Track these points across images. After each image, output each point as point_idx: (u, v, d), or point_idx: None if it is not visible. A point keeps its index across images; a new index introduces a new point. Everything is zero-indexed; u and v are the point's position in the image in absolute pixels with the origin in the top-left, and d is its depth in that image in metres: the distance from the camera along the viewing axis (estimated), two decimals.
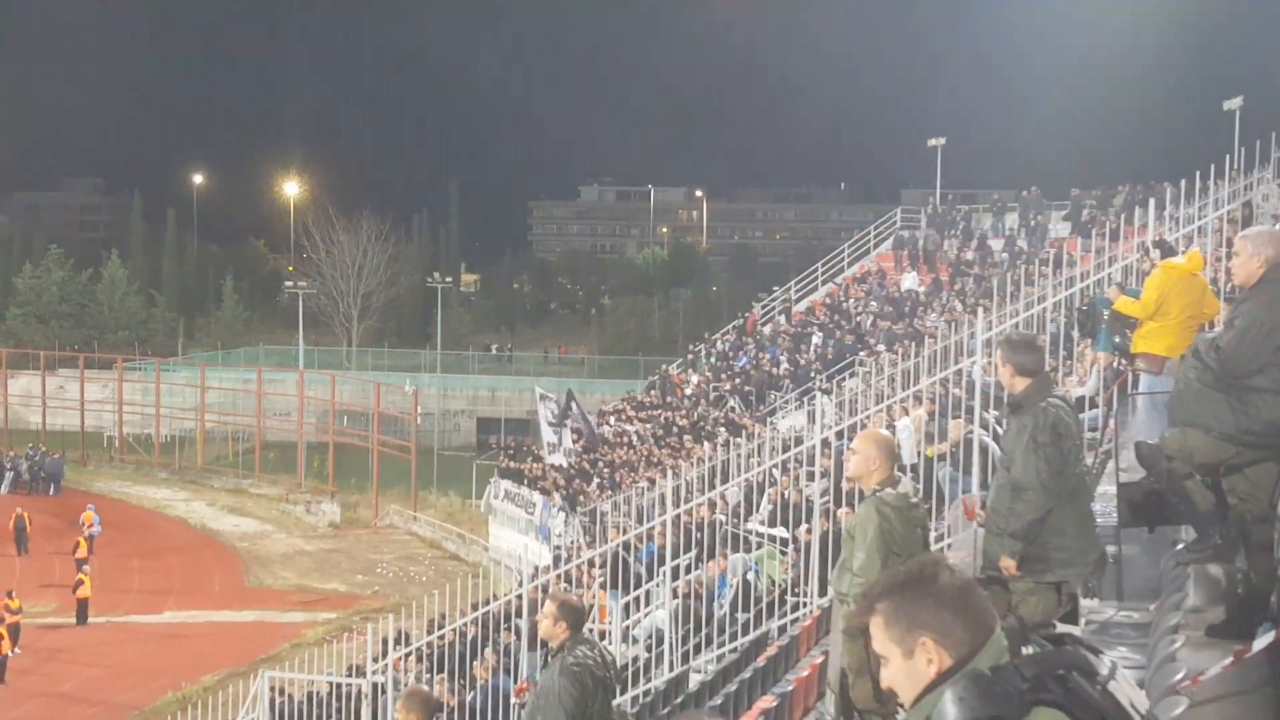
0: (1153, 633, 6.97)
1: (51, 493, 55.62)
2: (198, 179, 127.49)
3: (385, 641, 23.04)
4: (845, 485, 17.40)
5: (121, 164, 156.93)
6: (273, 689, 20.82)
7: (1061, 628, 6.99)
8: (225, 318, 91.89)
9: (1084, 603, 7.54)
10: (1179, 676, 5.21)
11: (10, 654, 33.71)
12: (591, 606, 20.98)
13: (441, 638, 21.16)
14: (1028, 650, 2.88)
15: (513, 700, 17.79)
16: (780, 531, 20.05)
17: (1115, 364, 13.47)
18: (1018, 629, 2.97)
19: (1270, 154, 24.99)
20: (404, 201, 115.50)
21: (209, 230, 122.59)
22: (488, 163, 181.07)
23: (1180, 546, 7.23)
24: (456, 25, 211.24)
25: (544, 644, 9.15)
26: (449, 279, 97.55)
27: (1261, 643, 5.19)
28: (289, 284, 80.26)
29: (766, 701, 10.23)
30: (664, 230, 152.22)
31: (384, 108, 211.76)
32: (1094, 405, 15.02)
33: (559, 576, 22.36)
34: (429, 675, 20.63)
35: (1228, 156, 21.70)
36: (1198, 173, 18.54)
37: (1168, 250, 13.31)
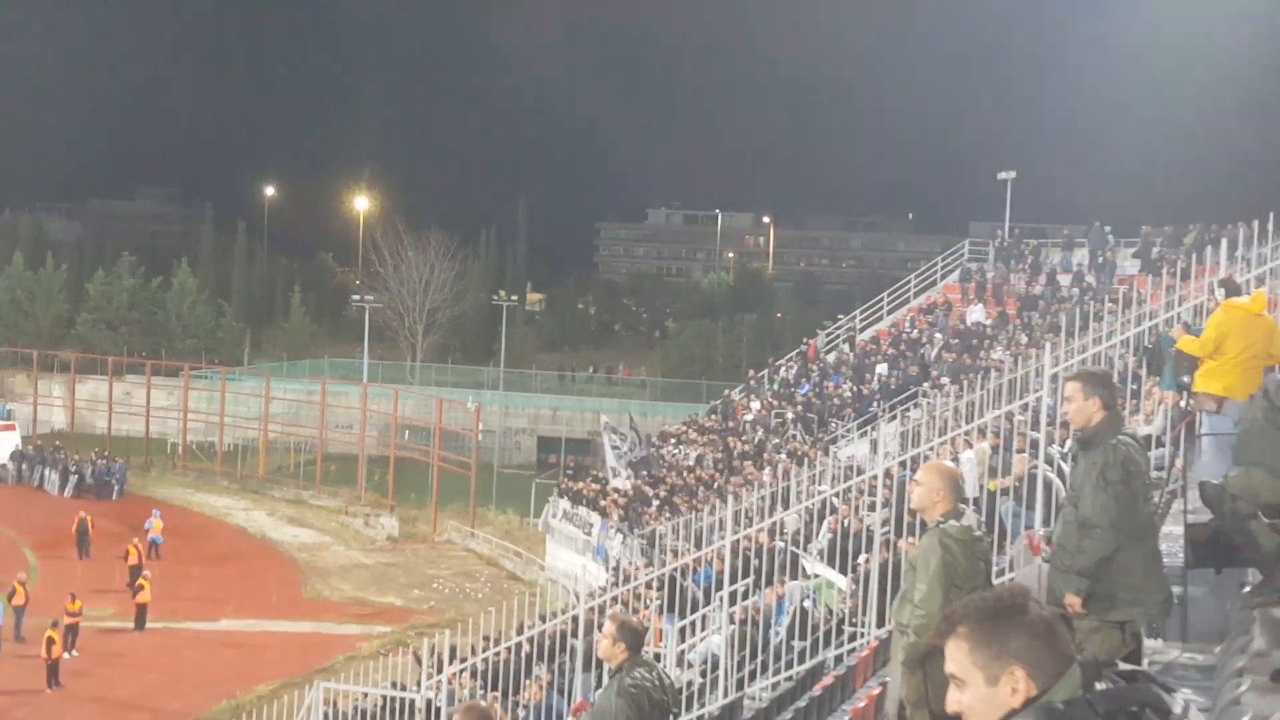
0: (1218, 675, 6.90)
1: (114, 497, 56.09)
2: (269, 191, 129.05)
3: (440, 657, 23.13)
4: (907, 517, 17.33)
5: (194, 174, 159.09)
6: (326, 701, 20.92)
7: (1125, 667, 6.93)
8: (292, 329, 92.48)
9: (1148, 643, 7.46)
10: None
11: (67, 656, 34.03)
12: (648, 629, 21.00)
13: (496, 655, 21.16)
14: (1100, 686, 2.89)
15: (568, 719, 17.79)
16: (834, 575, 19.87)
17: (1182, 403, 13.34)
18: (1093, 665, 2.97)
19: None
20: (472, 219, 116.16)
21: (278, 242, 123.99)
22: (556, 183, 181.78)
23: (1247, 589, 7.16)
24: (528, 47, 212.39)
25: (600, 664, 9.16)
26: (514, 297, 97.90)
27: None
28: (356, 298, 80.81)
29: None
30: (730, 255, 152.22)
31: (455, 126, 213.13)
32: (1160, 444, 14.87)
33: (615, 599, 22.33)
34: (483, 692, 20.68)
35: None
36: (1271, 214, 18.34)
37: (1233, 290, 13.15)
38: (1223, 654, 7.17)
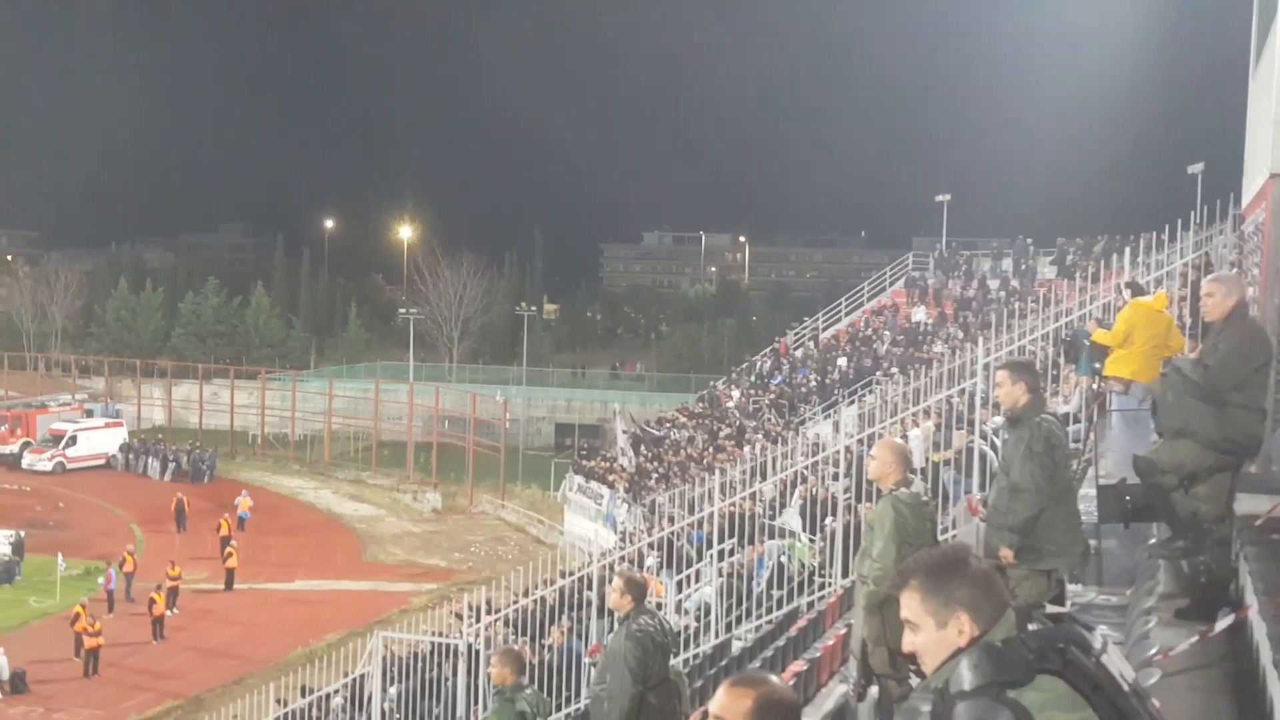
0: (1129, 614, 6.83)
1: (205, 481, 56.05)
2: (329, 223, 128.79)
3: (477, 609, 23.04)
4: (865, 485, 17.26)
5: (267, 211, 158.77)
6: (384, 647, 20.83)
7: (1051, 609, 6.87)
8: (350, 338, 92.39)
9: (1070, 588, 7.39)
10: (1152, 652, 5.10)
11: (169, 613, 34.11)
12: (649, 583, 20.92)
13: (524, 606, 21.09)
14: (1032, 627, 2.85)
15: (585, 660, 17.70)
16: (798, 530, 19.78)
17: (1094, 386, 13.27)
18: (1024, 609, 2.93)
19: (1228, 211, 24.54)
20: (497, 242, 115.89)
21: (337, 265, 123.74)
22: (567, 211, 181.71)
23: (1153, 542, 7.10)
24: (540, 95, 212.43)
25: (612, 613, 9.09)
26: (533, 308, 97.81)
27: (1222, 624, 5.09)
28: (402, 311, 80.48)
29: (798, 665, 10.11)
30: (713, 269, 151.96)
31: (481, 163, 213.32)
32: (1077, 420, 14.79)
33: (622, 558, 22.23)
34: (514, 637, 20.60)
35: (1192, 212, 21.30)
36: (1166, 226, 18.29)
37: (1138, 290, 13.14)
38: (1133, 595, 7.12)
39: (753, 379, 45.16)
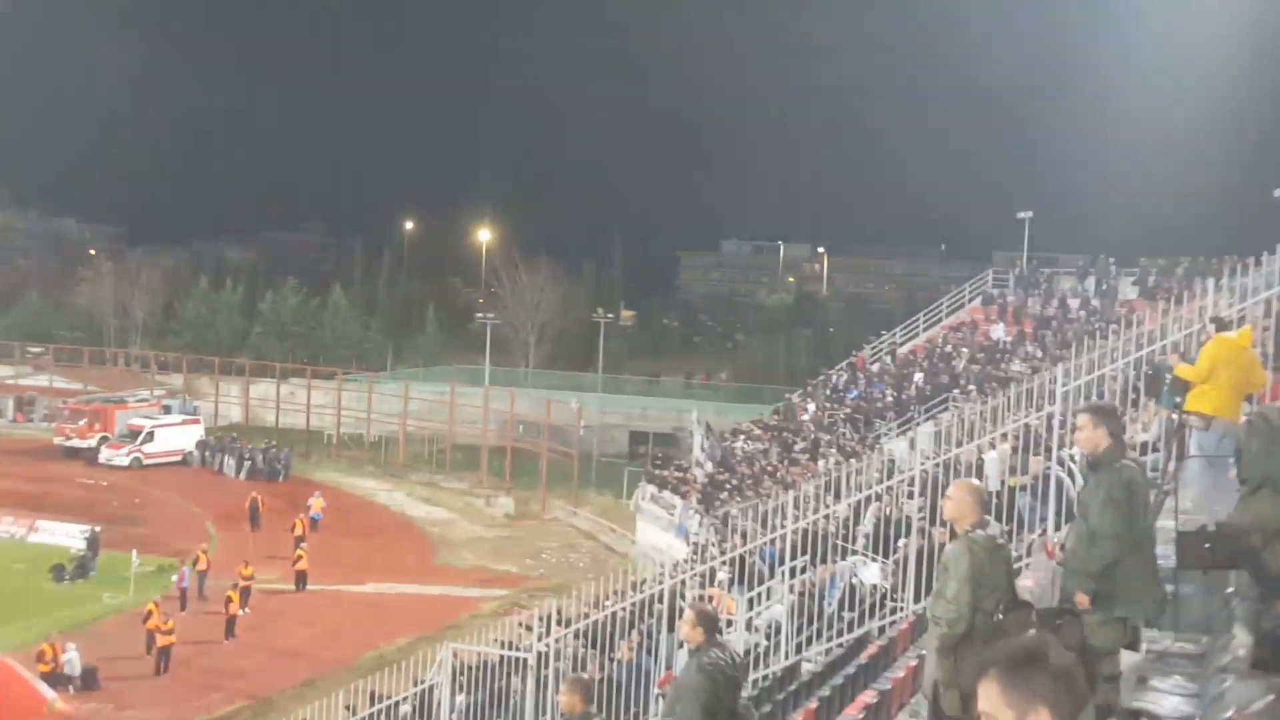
0: (1205, 664, 6.80)
1: (280, 480, 56.78)
2: (408, 226, 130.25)
3: (547, 620, 23.22)
4: (940, 505, 17.17)
5: (347, 211, 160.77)
6: (454, 656, 21.07)
7: (1126, 655, 6.87)
8: (426, 341, 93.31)
9: (1146, 633, 7.35)
10: (1228, 715, 5.10)
11: (241, 613, 34.58)
12: (720, 616, 20.93)
13: (595, 619, 21.20)
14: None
15: (654, 690, 17.77)
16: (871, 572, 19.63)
17: (1174, 419, 13.16)
18: (1105, 706, 2.96)
19: None
20: (575, 248, 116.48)
21: (415, 268, 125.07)
22: (645, 218, 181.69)
23: (1231, 590, 7.07)
24: (619, 103, 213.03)
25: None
26: (610, 314, 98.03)
27: None
28: (479, 315, 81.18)
29: (868, 696, 10.14)
30: (791, 280, 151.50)
31: (561, 171, 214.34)
32: (1156, 449, 14.63)
33: (695, 576, 22.21)
34: (584, 650, 20.73)
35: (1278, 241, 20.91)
36: (1253, 259, 18.04)
37: (1223, 326, 13.04)
38: (1209, 644, 7.08)
39: (828, 392, 45.00)
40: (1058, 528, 14.74)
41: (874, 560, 19.82)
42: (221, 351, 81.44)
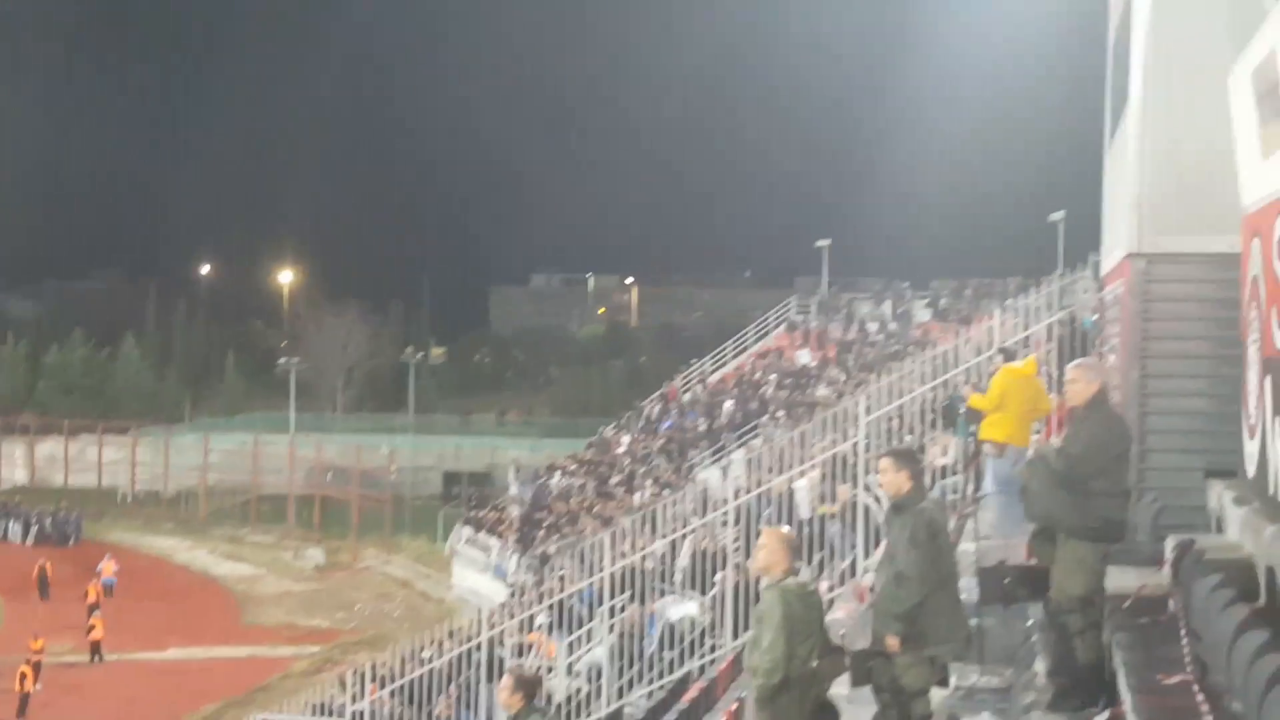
0: (1011, 698, 7.00)
1: (71, 544, 54.27)
2: (205, 269, 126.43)
3: (362, 677, 22.64)
4: (754, 535, 17.38)
5: (139, 256, 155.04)
6: None
7: (935, 693, 7.01)
8: (228, 389, 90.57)
9: (951, 666, 7.54)
10: None
11: (34, 690, 32.77)
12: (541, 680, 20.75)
13: (411, 677, 20.77)
14: None
15: None
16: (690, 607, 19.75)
17: (969, 448, 13.77)
18: None
19: (1087, 258, 25.72)
20: (383, 288, 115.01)
21: (214, 312, 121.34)
22: (454, 254, 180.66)
23: (1031, 623, 7.30)
24: (423, 137, 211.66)
25: (502, 673, 8.99)
26: (420, 353, 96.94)
27: None
28: (283, 359, 79.13)
29: None
30: (601, 311, 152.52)
31: (364, 206, 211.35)
32: (955, 472, 15.18)
33: (514, 623, 21.89)
34: (401, 708, 20.27)
35: (1058, 259, 22.24)
36: (1036, 281, 19.14)
37: (1010, 356, 13.76)
38: (1014, 676, 7.30)
39: (642, 423, 45.28)
40: (867, 554, 15.11)
41: (689, 597, 19.95)
42: (3, 410, 77.38)
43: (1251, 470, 7.61)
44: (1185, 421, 8.98)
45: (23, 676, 32.10)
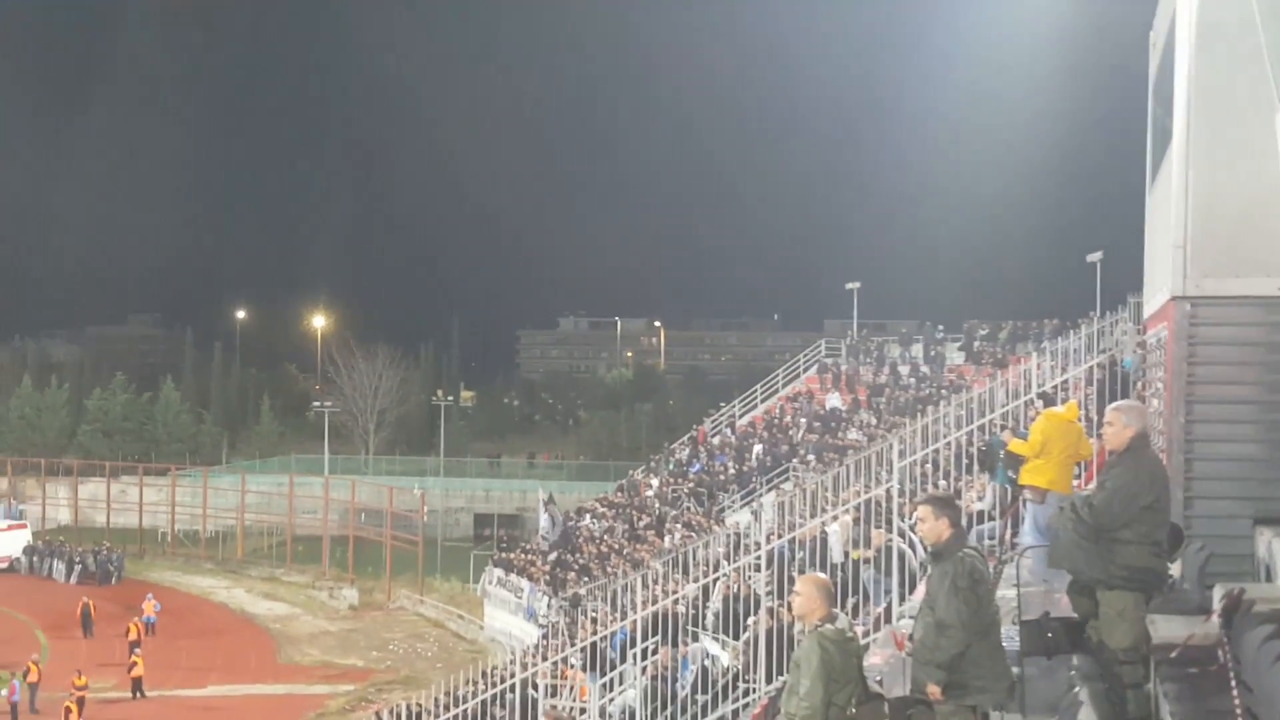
0: None
1: (114, 582, 54.48)
2: (240, 314, 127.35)
3: (399, 715, 22.51)
4: (788, 580, 17.20)
5: (176, 302, 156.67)
6: None
7: None
8: (263, 431, 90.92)
9: (993, 716, 7.37)
10: None
11: None
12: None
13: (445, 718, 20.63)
14: None
15: None
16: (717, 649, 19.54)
17: (1008, 494, 13.48)
18: None
19: (1126, 299, 25.44)
20: (413, 332, 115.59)
21: (249, 357, 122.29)
22: (483, 299, 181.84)
23: (1073, 673, 7.14)
24: (453, 183, 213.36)
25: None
26: (450, 397, 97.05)
27: None
28: (316, 403, 79.33)
29: None
30: (629, 354, 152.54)
31: (396, 254, 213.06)
32: (991, 519, 14.95)
33: (547, 664, 21.73)
34: None
35: (1094, 305, 22.00)
36: (1074, 323, 18.87)
37: (1049, 401, 13.49)
38: None
39: (671, 466, 45.10)
40: (902, 600, 14.88)
41: (721, 641, 19.74)
42: (48, 452, 78.08)
43: None
44: (1232, 468, 8.76)
45: (67, 711, 32.19)
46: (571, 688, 20.92)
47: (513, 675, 20.11)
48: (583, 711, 19.16)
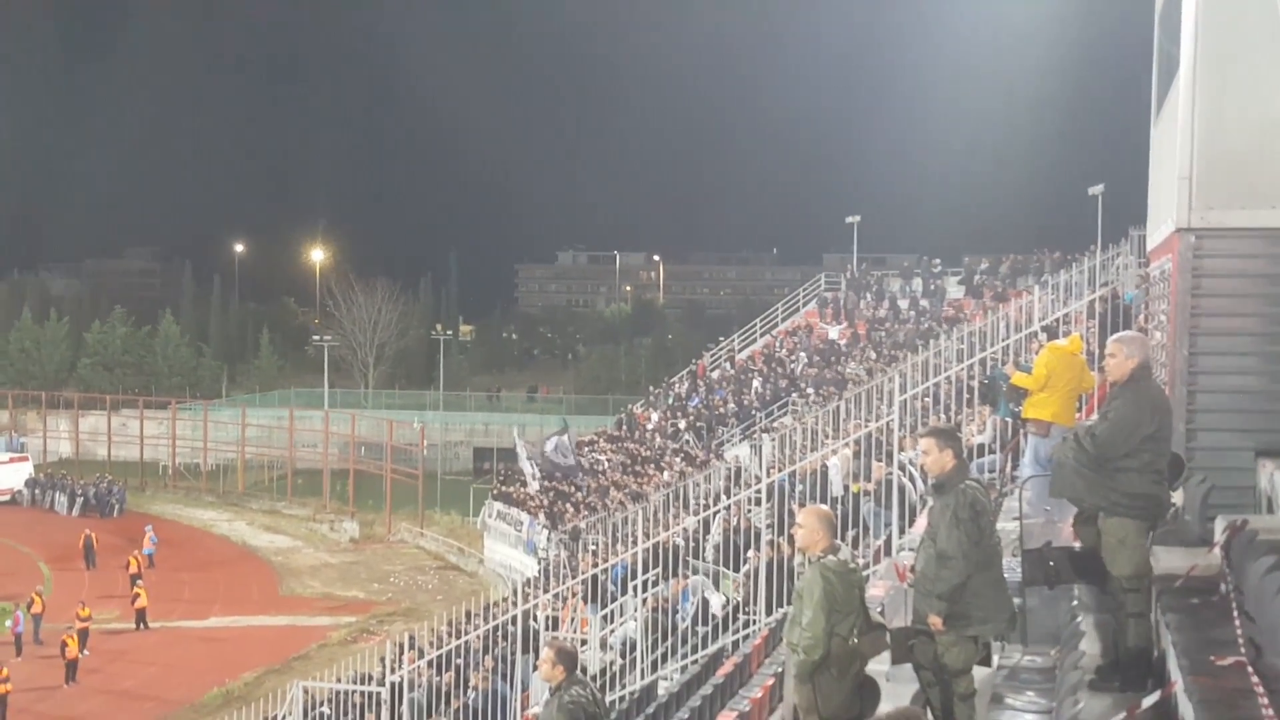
0: (1057, 680, 6.87)
1: (115, 515, 54.70)
2: (239, 248, 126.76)
3: (400, 648, 22.70)
4: (787, 514, 17.28)
5: (175, 235, 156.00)
6: (305, 693, 20.42)
7: (979, 672, 6.89)
8: (262, 365, 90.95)
9: (994, 646, 7.42)
10: None
11: (80, 656, 33.13)
12: (579, 652, 20.74)
13: (446, 649, 20.79)
14: None
15: (511, 704, 17.50)
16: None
17: (1010, 427, 13.46)
18: None
19: (1128, 233, 25.25)
20: (412, 266, 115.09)
21: (248, 291, 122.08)
22: (481, 232, 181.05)
23: (1075, 603, 7.17)
24: (450, 117, 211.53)
25: (536, 648, 8.93)
26: (449, 331, 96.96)
27: (1149, 701, 5.11)
28: (316, 337, 79.17)
29: (726, 717, 10.05)
30: (628, 289, 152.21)
31: (394, 187, 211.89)
32: (991, 451, 14.98)
33: (548, 597, 21.88)
34: (438, 679, 20.30)
35: (1095, 237, 21.84)
36: (1075, 256, 18.72)
37: (1053, 334, 13.41)
38: (1059, 657, 7.16)
39: (670, 401, 45.16)
40: (902, 532, 14.95)
41: (719, 572, 19.86)
42: (48, 385, 78.14)
43: None
44: (1234, 400, 8.74)
45: (64, 644, 32.44)
46: (572, 619, 21.08)
47: (515, 606, 20.20)
48: (583, 643, 19.31)
